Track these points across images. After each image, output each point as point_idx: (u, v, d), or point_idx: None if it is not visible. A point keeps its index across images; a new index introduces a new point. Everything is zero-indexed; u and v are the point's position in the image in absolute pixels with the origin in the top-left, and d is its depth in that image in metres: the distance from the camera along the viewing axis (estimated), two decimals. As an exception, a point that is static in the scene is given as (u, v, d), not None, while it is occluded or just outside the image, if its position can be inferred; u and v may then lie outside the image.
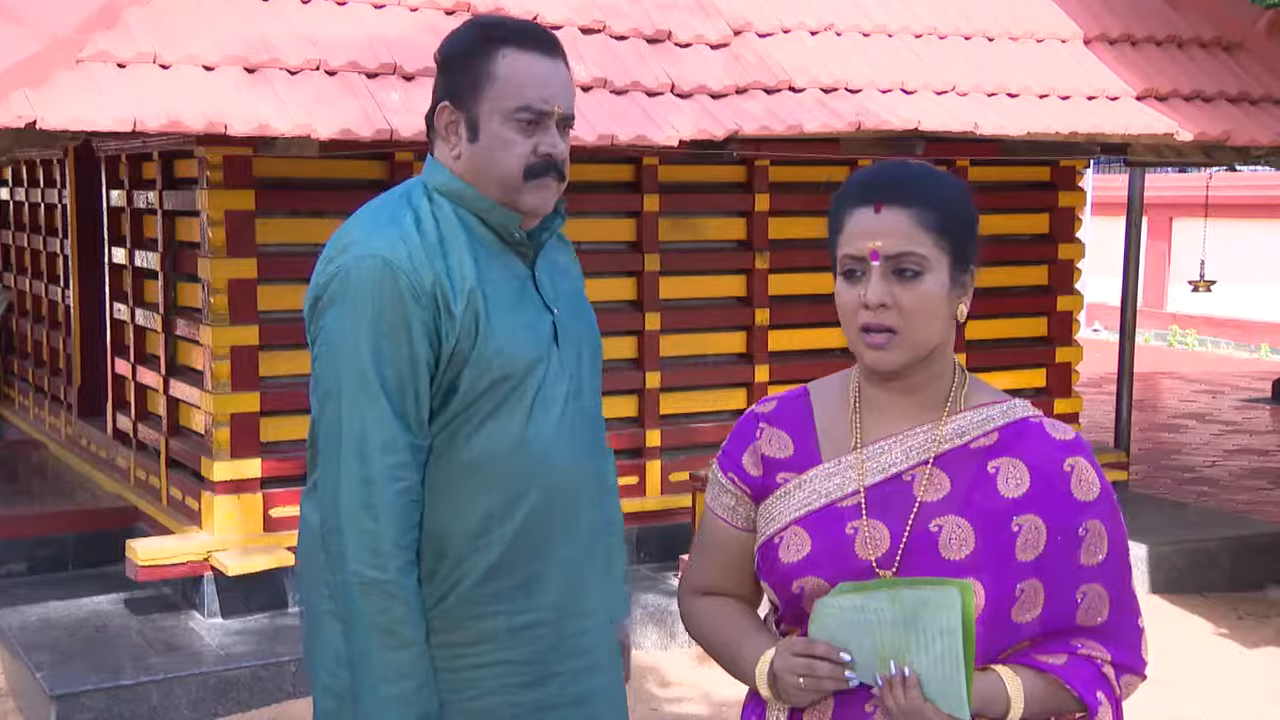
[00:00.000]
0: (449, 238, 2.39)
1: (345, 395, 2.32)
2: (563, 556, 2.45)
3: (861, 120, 5.85)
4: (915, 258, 1.89)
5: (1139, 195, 8.56)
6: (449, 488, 2.38)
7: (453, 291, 2.33)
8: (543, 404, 2.41)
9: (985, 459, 1.92)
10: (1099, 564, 1.91)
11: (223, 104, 4.96)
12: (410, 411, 2.32)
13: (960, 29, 6.81)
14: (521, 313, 2.41)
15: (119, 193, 6.81)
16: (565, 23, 5.81)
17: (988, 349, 7.50)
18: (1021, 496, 1.89)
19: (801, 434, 2.02)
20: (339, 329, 2.33)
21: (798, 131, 5.74)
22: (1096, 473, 1.94)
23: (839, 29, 6.42)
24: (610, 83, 5.65)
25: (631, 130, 5.40)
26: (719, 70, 5.92)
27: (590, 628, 2.50)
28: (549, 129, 2.40)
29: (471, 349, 2.34)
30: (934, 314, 1.91)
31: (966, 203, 1.97)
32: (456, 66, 2.44)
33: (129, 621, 5.75)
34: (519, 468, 2.38)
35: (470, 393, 2.35)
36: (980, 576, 1.86)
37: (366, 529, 2.29)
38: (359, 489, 2.30)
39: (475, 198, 2.41)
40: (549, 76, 2.40)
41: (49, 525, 6.51)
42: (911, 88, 6.28)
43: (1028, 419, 1.97)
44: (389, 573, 2.29)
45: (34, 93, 4.72)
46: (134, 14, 5.13)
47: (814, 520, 1.96)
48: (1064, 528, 1.89)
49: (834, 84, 6.07)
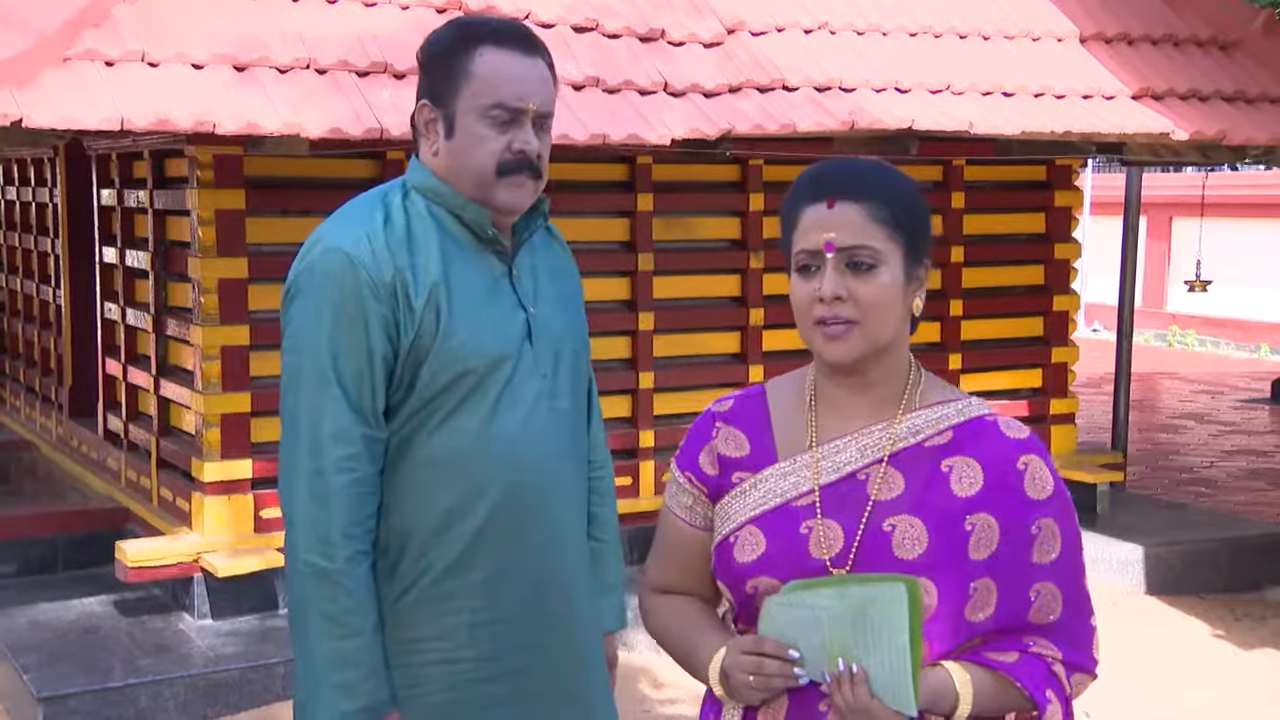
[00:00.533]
0: (418, 233, 2.42)
1: (303, 386, 2.37)
2: (529, 557, 2.47)
3: (855, 119, 5.85)
4: (869, 250, 1.90)
5: (1136, 195, 8.56)
6: (412, 483, 2.40)
7: (415, 286, 2.37)
8: (509, 401, 2.43)
9: (939, 457, 1.93)
10: (1052, 562, 1.92)
11: (211, 103, 4.96)
12: (366, 403, 2.35)
13: (955, 28, 6.81)
14: (490, 309, 2.43)
15: (110, 192, 6.81)
16: (557, 21, 5.81)
17: (984, 349, 7.50)
18: (975, 495, 1.90)
19: (758, 433, 2.02)
20: (301, 320, 2.38)
21: (791, 130, 5.73)
22: (1050, 471, 1.95)
23: (833, 27, 6.42)
24: (603, 81, 5.64)
25: (624, 129, 5.40)
26: (712, 69, 5.91)
27: (550, 628, 2.51)
28: (524, 126, 2.42)
29: (432, 343, 2.37)
30: (889, 307, 1.91)
31: (918, 198, 1.98)
32: (435, 65, 2.48)
33: (118, 623, 5.74)
34: (481, 464, 2.40)
35: (430, 387, 2.38)
36: (934, 575, 1.87)
37: (316, 518, 2.33)
38: (311, 479, 2.34)
39: (450, 195, 2.45)
40: (525, 74, 2.42)
41: (39, 527, 6.51)
42: (906, 86, 6.28)
43: (983, 417, 1.98)
44: (337, 562, 2.32)
45: (20, 91, 4.71)
46: (122, 12, 5.12)
47: (769, 519, 1.96)
48: (1017, 526, 1.90)
49: (828, 83, 6.07)
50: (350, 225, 2.42)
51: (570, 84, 5.58)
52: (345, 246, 2.37)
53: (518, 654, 2.47)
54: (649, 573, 2.17)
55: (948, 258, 7.33)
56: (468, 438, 2.40)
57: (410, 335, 2.36)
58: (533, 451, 2.45)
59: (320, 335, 2.35)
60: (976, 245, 7.42)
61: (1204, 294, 12.21)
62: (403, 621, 2.42)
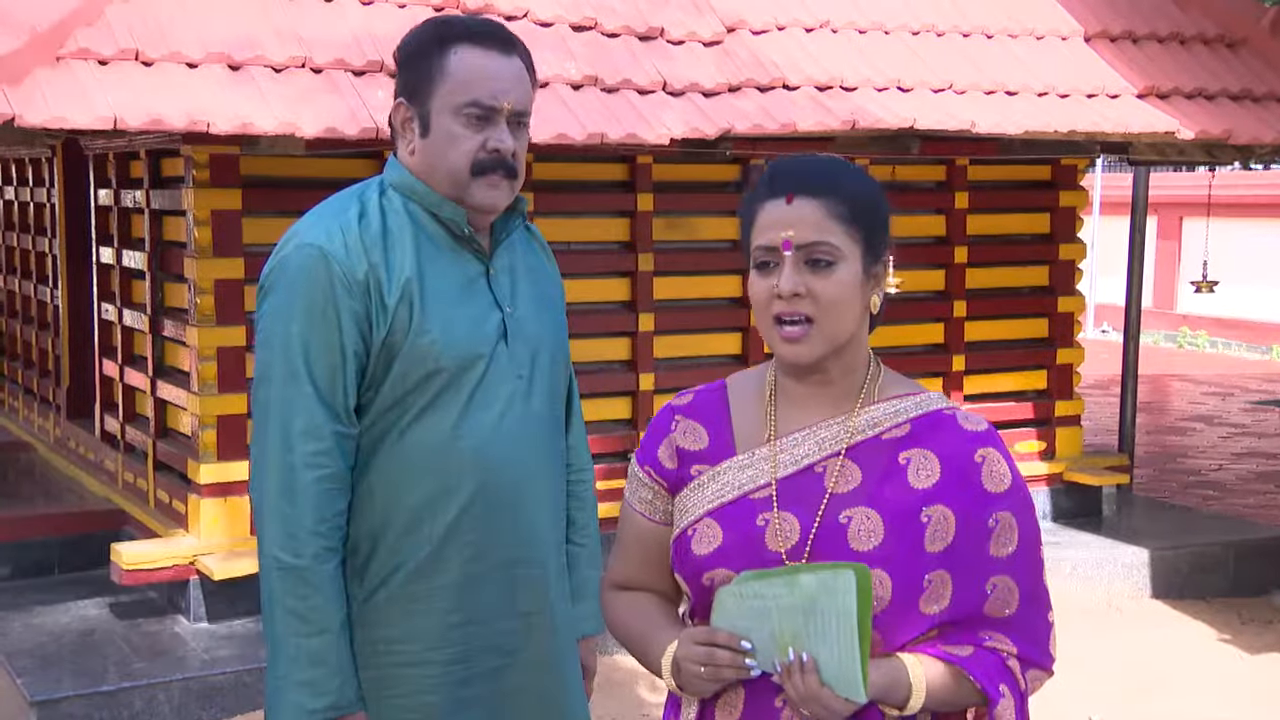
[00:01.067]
0: (394, 230, 2.44)
1: (274, 381, 2.38)
2: (500, 559, 2.48)
3: (856, 119, 5.84)
4: (827, 247, 1.91)
5: (1144, 194, 8.54)
6: (383, 481, 2.42)
7: (388, 282, 2.38)
8: (482, 401, 2.44)
9: (896, 450, 1.95)
10: (1009, 556, 1.93)
11: (206, 102, 4.96)
12: (338, 399, 2.37)
13: (958, 26, 6.79)
14: (464, 308, 2.44)
15: (107, 192, 6.82)
16: (555, 20, 5.80)
17: (988, 350, 7.49)
18: (931, 487, 1.92)
19: (717, 426, 2.04)
20: (273, 316, 2.40)
21: (791, 130, 5.72)
22: (1008, 464, 1.97)
23: (834, 26, 6.41)
24: (601, 80, 5.64)
25: (622, 129, 5.39)
26: (712, 68, 5.91)
27: (522, 629, 2.51)
28: (499, 125, 2.43)
29: (404, 340, 2.38)
30: (848, 304, 1.93)
31: (877, 195, 2.00)
32: (411, 64, 2.50)
33: (114, 626, 5.74)
34: (452, 463, 2.41)
35: (402, 384, 2.40)
36: (889, 567, 1.88)
37: (285, 514, 2.34)
38: (280, 474, 2.36)
39: (425, 193, 2.46)
40: (499, 72, 2.43)
41: (35, 529, 6.51)
42: (908, 85, 6.27)
43: (940, 410, 1.99)
44: (304, 558, 2.34)
45: (12, 90, 4.72)
46: (116, 10, 5.12)
47: (726, 512, 1.98)
48: (973, 518, 1.91)
49: (829, 82, 6.06)
50: (325, 221, 2.43)
51: (568, 83, 5.57)
52: (319, 241, 2.38)
53: (490, 656, 2.48)
54: (609, 569, 2.19)
55: (951, 258, 7.32)
56: (439, 436, 2.41)
57: (382, 332, 2.37)
58: (505, 452, 2.46)
59: (292, 331, 2.36)
60: (980, 246, 7.41)
61: (1213, 295, 12.17)
62: (373, 621, 2.43)
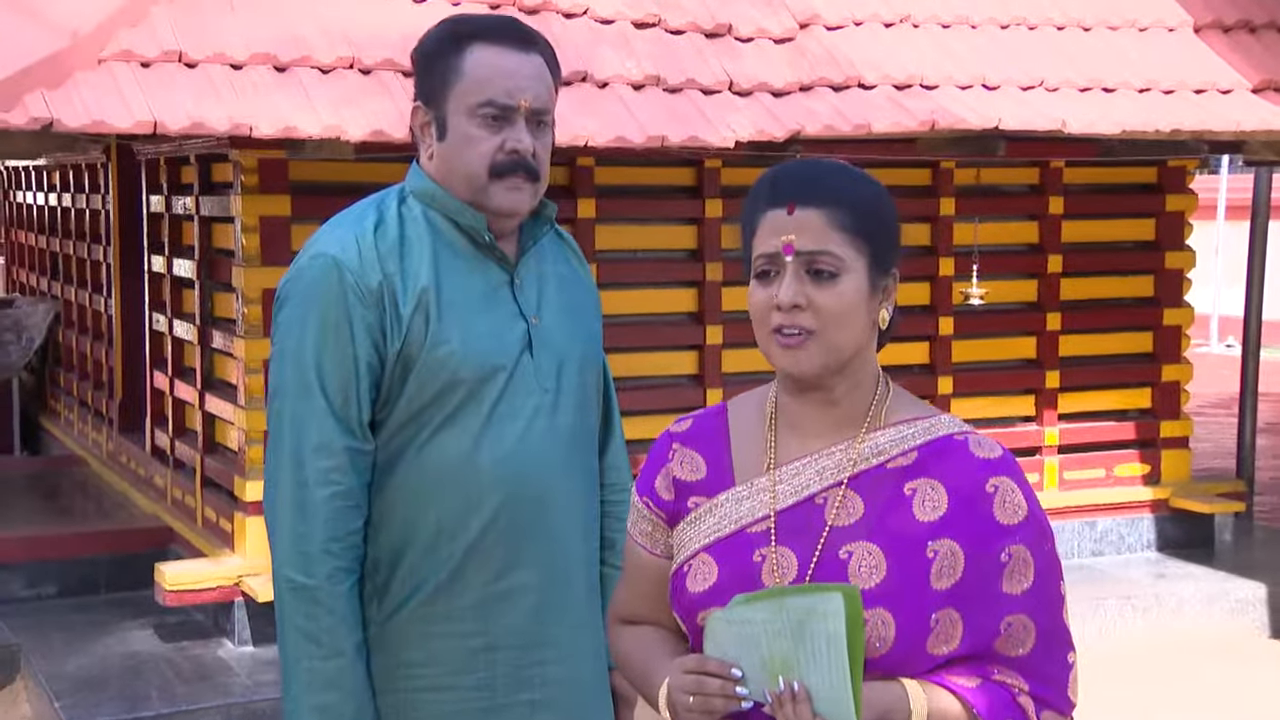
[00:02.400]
0: (412, 239, 2.46)
1: (288, 394, 2.41)
2: (524, 580, 2.48)
3: (936, 119, 5.79)
4: (830, 258, 1.89)
5: (1265, 197, 8.38)
6: (402, 499, 2.44)
7: (403, 292, 2.40)
8: (504, 415, 2.45)
9: (902, 480, 1.92)
10: (1024, 592, 1.89)
11: (249, 104, 5.05)
12: (352, 413, 2.39)
13: (1052, 19, 6.71)
14: (485, 318, 2.45)
15: (158, 198, 6.96)
16: (617, 16, 5.83)
17: (1086, 366, 7.38)
18: (938, 520, 1.88)
19: (715, 454, 2.02)
20: (287, 328, 2.43)
21: (865, 132, 5.70)
22: (1025, 494, 1.92)
23: (916, 20, 6.38)
24: (664, 80, 5.65)
25: (684, 131, 5.40)
26: (782, 66, 5.90)
27: (551, 659, 2.51)
28: (517, 125, 2.44)
29: (420, 351, 2.40)
30: (851, 317, 1.91)
31: (885, 203, 1.97)
32: (427, 65, 2.52)
33: (157, 649, 5.85)
34: (471, 481, 2.43)
35: (419, 398, 2.41)
36: (892, 606, 1.85)
37: (298, 532, 2.37)
38: (292, 491, 2.38)
39: (445, 199, 2.48)
40: (516, 69, 2.44)
41: (82, 547, 6.65)
42: (994, 83, 6.21)
43: (951, 436, 1.95)
44: (316, 578, 2.36)
45: (52, 93, 4.84)
46: (161, 10, 5.23)
47: (722, 547, 1.96)
48: (984, 553, 1.87)
49: (908, 80, 6.03)
50: (340, 230, 2.47)
51: (629, 83, 5.59)
52: (332, 251, 2.41)
53: (514, 684, 2.48)
54: (614, 602, 2.19)
55: (1044, 267, 7.23)
56: (459, 451, 2.42)
57: (397, 343, 2.39)
58: (529, 467, 2.46)
59: (305, 343, 2.39)
60: (1077, 254, 7.31)
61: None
62: (392, 644, 2.45)
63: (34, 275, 10.02)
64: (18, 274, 10.60)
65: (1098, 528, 7.37)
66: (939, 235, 6.93)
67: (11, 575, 6.55)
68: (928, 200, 6.91)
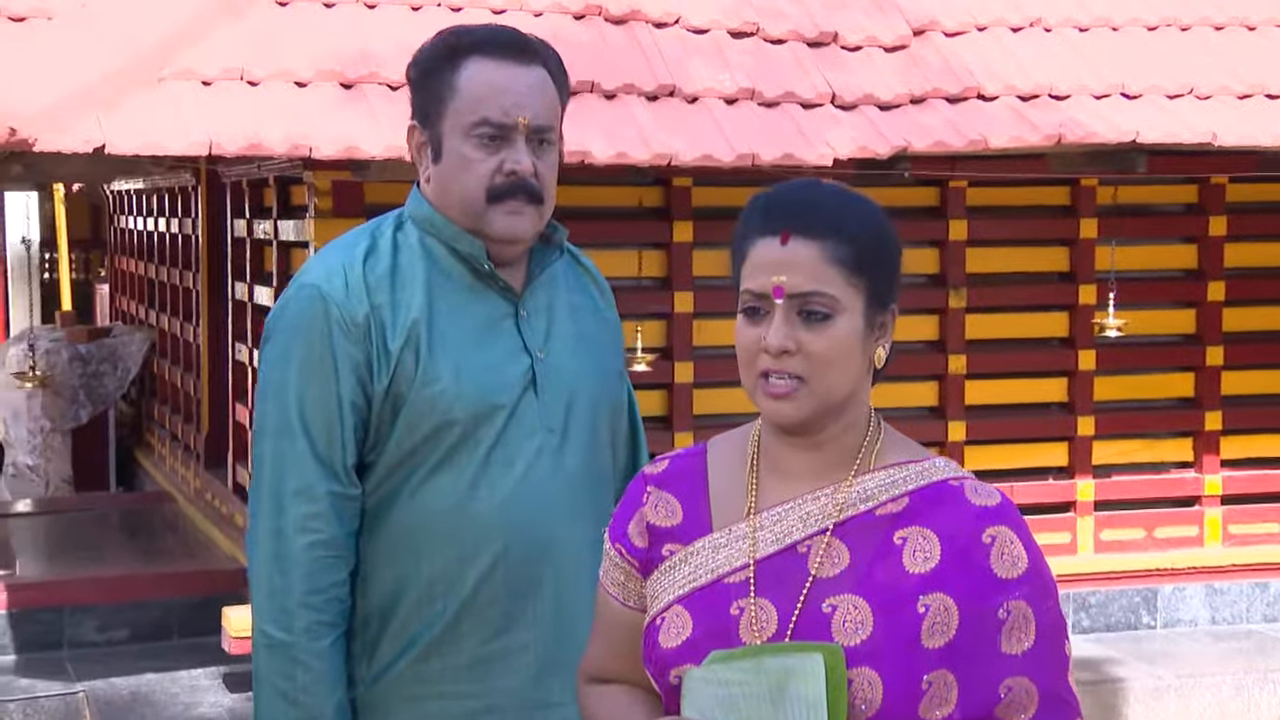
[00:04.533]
0: (404, 267, 2.45)
1: (269, 435, 2.42)
2: (525, 639, 2.46)
3: (1063, 132, 5.67)
4: (824, 299, 1.86)
5: None
6: (392, 549, 2.43)
7: (392, 325, 2.40)
8: (502, 458, 2.43)
9: (892, 528, 1.88)
10: (1025, 652, 1.84)
11: (311, 123, 5.14)
12: (336, 456, 2.39)
13: (1209, 18, 6.54)
14: (482, 353, 2.44)
15: (242, 222, 7.13)
16: (712, 25, 5.83)
17: (1251, 406, 7.12)
18: (930, 572, 1.84)
19: (692, 499, 1.99)
20: (270, 364, 2.45)
21: (982, 147, 5.61)
22: (1025, 545, 1.87)
23: (1048, 24, 6.26)
24: (759, 94, 5.63)
25: (777, 148, 5.37)
26: (891, 77, 5.83)
27: None
28: (515, 144, 2.43)
29: (410, 389, 2.39)
30: (845, 361, 1.88)
31: (886, 233, 1.93)
32: (421, 82, 2.53)
33: (222, 699, 5.96)
34: (465, 530, 2.41)
35: (409, 439, 2.40)
36: (879, 665, 1.81)
37: (275, 584, 2.37)
38: (271, 540, 2.39)
39: (443, 225, 2.47)
40: (512, 85, 2.43)
41: (157, 589, 6.81)
42: (1135, 91, 6.07)
43: (945, 481, 1.90)
44: (293, 634, 2.36)
45: (106, 115, 4.99)
46: (224, 26, 5.36)
47: (697, 599, 1.92)
48: (980, 609, 1.83)
49: (1034, 90, 5.92)
50: (329, 258, 2.48)
51: (721, 97, 5.58)
52: (318, 282, 2.42)
53: None
54: (584, 658, 2.16)
55: (1204, 295, 7.00)
56: (453, 498, 2.41)
57: (385, 380, 2.39)
58: (530, 515, 2.44)
59: (287, 382, 2.40)
60: (1241, 280, 7.06)
61: None
62: (381, 706, 2.44)
63: (134, 303, 10.34)
64: (121, 302, 10.95)
65: (1270, 590, 7.07)
66: (1078, 260, 6.76)
67: (84, 617, 6.73)
68: (1066, 221, 6.76)
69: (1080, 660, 6.43)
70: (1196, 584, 6.96)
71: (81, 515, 8.62)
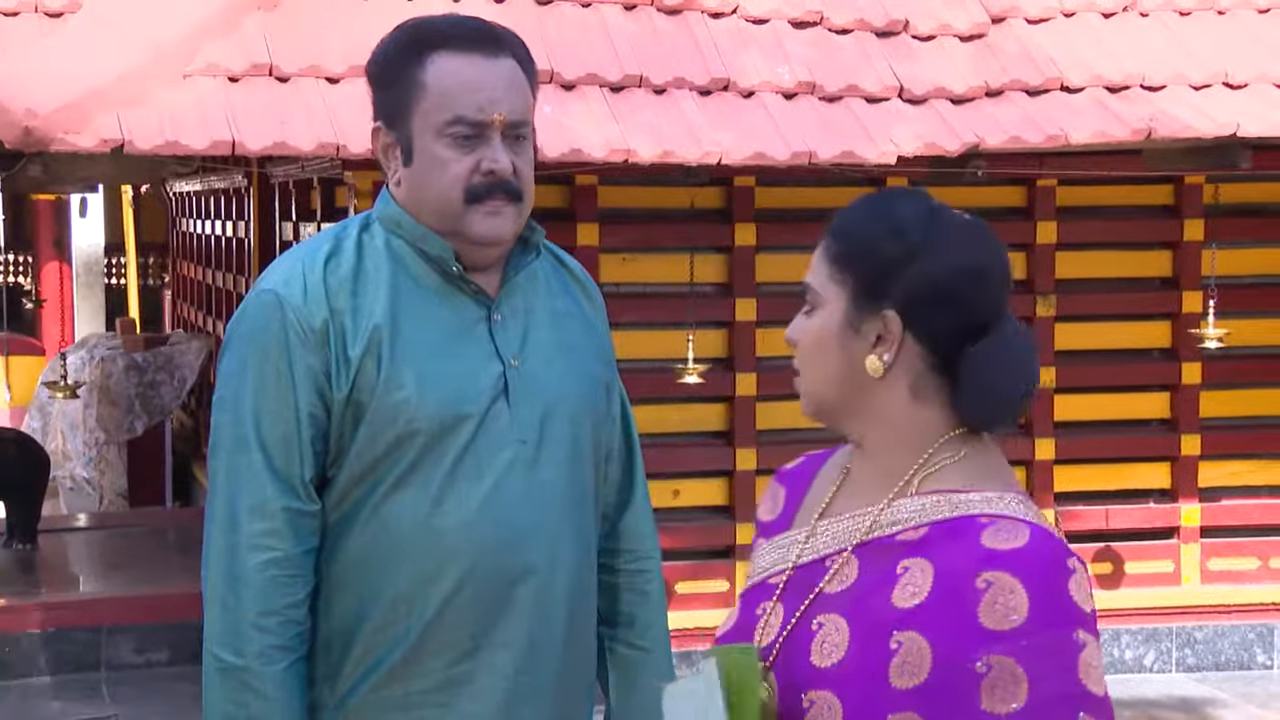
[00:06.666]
0: (369, 271, 2.46)
1: (224, 450, 2.44)
2: (493, 661, 2.46)
3: (1153, 127, 5.58)
4: (810, 293, 1.97)
5: None
6: (355, 566, 2.44)
7: (352, 331, 2.41)
8: (470, 471, 2.43)
9: (903, 556, 1.88)
10: (1012, 714, 1.77)
11: (342, 120, 5.20)
12: (294, 471, 2.40)
13: (1334, -2, 6.38)
14: (450, 360, 2.45)
15: (290, 225, 7.23)
16: (772, 15, 5.81)
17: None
18: (912, 608, 1.83)
19: (792, 496, 2.10)
20: (227, 374, 2.46)
21: (1062, 143, 5.54)
22: (1031, 597, 1.79)
23: (1144, 9, 6.15)
24: (820, 88, 5.61)
25: (836, 145, 5.34)
26: (965, 68, 5.78)
27: None
28: (491, 142, 2.43)
29: (371, 398, 2.40)
30: (820, 355, 1.95)
31: (885, 236, 1.94)
32: (385, 80, 2.54)
33: (256, 725, 6.03)
34: (429, 548, 2.42)
35: (369, 452, 2.41)
36: (843, 692, 1.84)
37: (227, 604, 2.39)
38: (224, 557, 2.40)
39: (410, 225, 2.48)
40: (485, 79, 2.44)
41: (198, 609, 6.88)
42: (1239, 81, 5.96)
43: (975, 516, 1.87)
44: (245, 658, 2.36)
45: (127, 112, 5.08)
46: (254, 20, 5.44)
47: (747, 594, 2.04)
48: (955, 658, 1.79)
49: (1124, 81, 5.83)
50: (290, 262, 2.50)
51: (779, 91, 5.57)
52: (276, 287, 2.44)
53: None
54: None
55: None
56: (416, 514, 2.41)
57: (345, 389, 2.40)
58: (500, 533, 2.44)
59: (243, 392, 2.42)
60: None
61: None
62: None
63: (193, 309, 10.52)
64: (182, 309, 11.15)
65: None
66: (1182, 264, 6.66)
67: (123, 638, 6.86)
68: (1168, 222, 6.66)
69: (1178, 701, 6.34)
70: (1318, 620, 6.83)
71: (134, 531, 8.78)
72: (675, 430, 6.23)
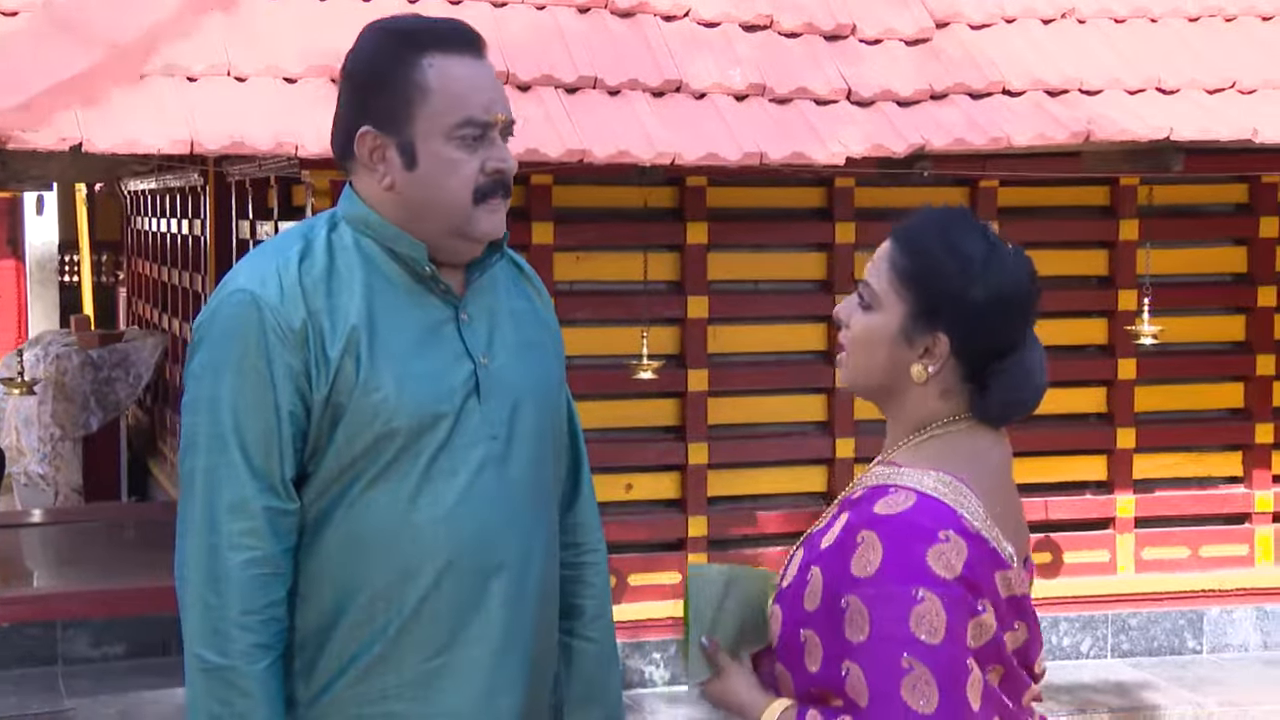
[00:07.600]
0: (342, 271, 2.44)
1: (200, 450, 2.39)
2: (470, 655, 2.45)
3: (1091, 129, 5.62)
4: (868, 289, 2.26)
5: None
6: (331, 565, 2.42)
7: (330, 331, 2.39)
8: (445, 468, 2.43)
9: (842, 510, 2.29)
10: (859, 644, 2.16)
11: (299, 120, 5.16)
12: (274, 470, 2.37)
13: (1256, 7, 6.45)
14: (424, 360, 2.44)
15: (246, 223, 7.17)
16: (723, 18, 5.81)
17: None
18: (824, 550, 2.24)
19: None
20: (200, 374, 2.42)
21: (1004, 145, 5.56)
22: (886, 555, 2.15)
23: (1082, 16, 6.20)
24: (770, 90, 5.62)
25: (786, 146, 5.34)
26: (911, 71, 5.80)
27: None
28: (494, 142, 2.45)
29: (350, 398, 2.38)
30: (871, 349, 2.26)
31: (951, 267, 2.20)
32: (374, 84, 2.47)
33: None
34: (406, 544, 2.41)
35: (348, 450, 2.40)
36: (785, 607, 2.28)
37: (209, 604, 2.36)
38: (204, 557, 2.36)
39: (380, 225, 2.46)
40: (484, 80, 2.45)
41: (154, 603, 6.80)
42: (1171, 86, 6.02)
43: (886, 485, 2.24)
44: (230, 657, 2.34)
45: (85, 111, 5.02)
46: (212, 21, 5.39)
47: None
48: (834, 593, 2.20)
49: (1063, 85, 5.88)
50: (262, 262, 2.46)
51: (729, 93, 5.58)
52: (251, 287, 2.41)
53: None
54: None
55: (1254, 300, 6.93)
56: (394, 511, 2.41)
57: (324, 389, 2.38)
58: (475, 527, 2.44)
59: (220, 392, 2.38)
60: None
61: None
62: None
63: (148, 307, 10.42)
64: (137, 306, 11.05)
65: (1321, 611, 6.99)
66: (1118, 263, 6.69)
67: (79, 632, 6.77)
68: (1104, 222, 6.69)
69: (1115, 685, 6.38)
70: (1246, 606, 6.90)
71: (89, 526, 8.67)
72: (629, 425, 6.21)
